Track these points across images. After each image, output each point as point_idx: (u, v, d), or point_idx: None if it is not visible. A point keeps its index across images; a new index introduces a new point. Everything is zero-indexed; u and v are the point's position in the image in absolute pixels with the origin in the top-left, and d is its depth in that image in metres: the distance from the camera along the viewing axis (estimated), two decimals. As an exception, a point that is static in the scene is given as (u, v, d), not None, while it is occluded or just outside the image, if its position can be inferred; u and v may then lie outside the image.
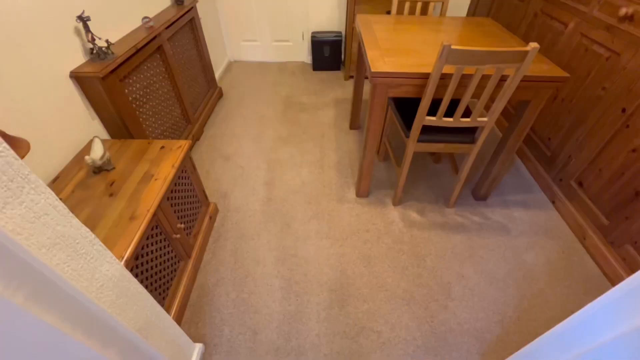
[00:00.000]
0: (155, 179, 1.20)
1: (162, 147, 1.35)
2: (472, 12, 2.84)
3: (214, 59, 2.90)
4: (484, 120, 1.39)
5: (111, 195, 1.12)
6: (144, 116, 1.63)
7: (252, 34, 3.20)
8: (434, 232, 1.66)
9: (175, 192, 1.32)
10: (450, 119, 1.39)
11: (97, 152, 1.17)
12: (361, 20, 1.81)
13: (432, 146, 1.53)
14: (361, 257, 1.55)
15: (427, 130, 1.49)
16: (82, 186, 1.15)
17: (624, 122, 1.41)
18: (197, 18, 2.25)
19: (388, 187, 1.92)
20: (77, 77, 1.31)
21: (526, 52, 1.12)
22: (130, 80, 1.52)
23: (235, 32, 3.19)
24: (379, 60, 1.37)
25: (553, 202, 1.82)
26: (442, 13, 1.94)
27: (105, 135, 1.50)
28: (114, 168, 1.24)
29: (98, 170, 1.21)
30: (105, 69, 1.31)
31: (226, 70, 3.20)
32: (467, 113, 1.54)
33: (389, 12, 2.57)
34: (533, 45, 1.11)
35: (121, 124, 1.46)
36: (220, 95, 2.75)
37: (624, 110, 1.41)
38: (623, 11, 1.41)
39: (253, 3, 2.99)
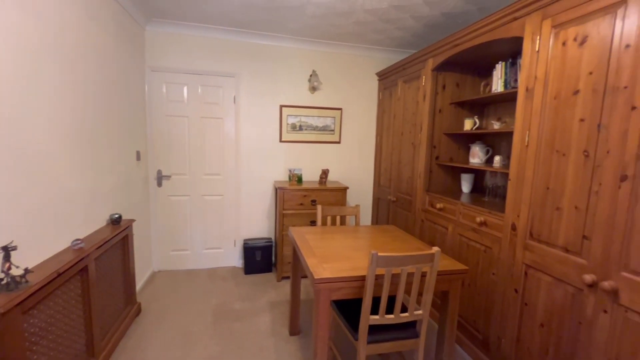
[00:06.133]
0: None
1: (58, 402, 1.01)
2: (375, 220, 3.59)
3: (137, 271, 2.73)
4: (420, 313, 1.52)
5: None
6: (36, 356, 1.28)
7: (184, 244, 3.27)
8: None
9: None
10: (392, 316, 1.48)
11: None
12: (295, 232, 2.10)
13: (381, 346, 1.51)
14: None
15: (372, 330, 1.52)
16: None
17: (522, 301, 1.70)
18: (130, 235, 2.28)
19: (344, 405, 1.65)
20: (-34, 316, 1.07)
21: (433, 254, 1.42)
22: (36, 311, 1.29)
23: (165, 243, 3.22)
24: (319, 267, 1.53)
25: (508, 391, 1.78)
26: (357, 223, 2.43)
27: (-37, 396, 1.08)
28: None
29: None
30: (9, 303, 1.12)
31: (148, 282, 2.97)
32: (405, 310, 1.67)
33: (313, 222, 3.07)
34: (435, 249, 1.43)
35: (0, 375, 1.10)
36: (138, 312, 2.42)
37: (516, 291, 1.73)
38: (477, 219, 2.01)
39: (187, 218, 3.24)
